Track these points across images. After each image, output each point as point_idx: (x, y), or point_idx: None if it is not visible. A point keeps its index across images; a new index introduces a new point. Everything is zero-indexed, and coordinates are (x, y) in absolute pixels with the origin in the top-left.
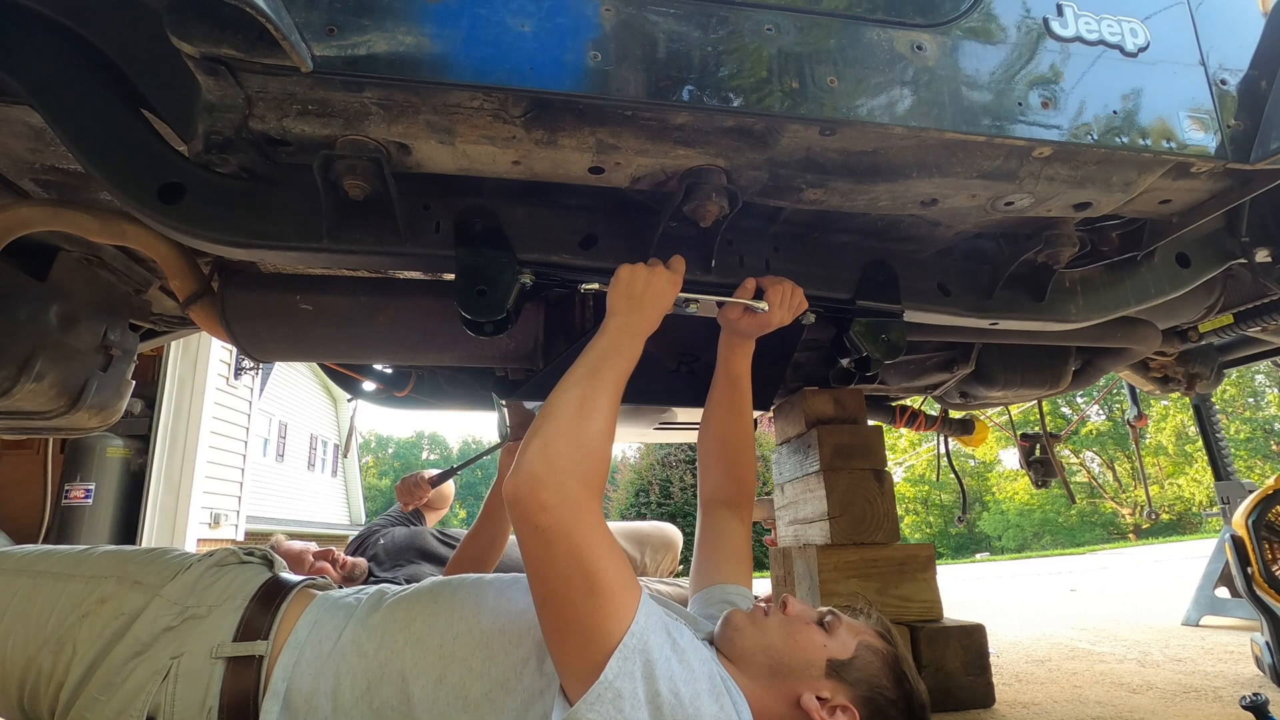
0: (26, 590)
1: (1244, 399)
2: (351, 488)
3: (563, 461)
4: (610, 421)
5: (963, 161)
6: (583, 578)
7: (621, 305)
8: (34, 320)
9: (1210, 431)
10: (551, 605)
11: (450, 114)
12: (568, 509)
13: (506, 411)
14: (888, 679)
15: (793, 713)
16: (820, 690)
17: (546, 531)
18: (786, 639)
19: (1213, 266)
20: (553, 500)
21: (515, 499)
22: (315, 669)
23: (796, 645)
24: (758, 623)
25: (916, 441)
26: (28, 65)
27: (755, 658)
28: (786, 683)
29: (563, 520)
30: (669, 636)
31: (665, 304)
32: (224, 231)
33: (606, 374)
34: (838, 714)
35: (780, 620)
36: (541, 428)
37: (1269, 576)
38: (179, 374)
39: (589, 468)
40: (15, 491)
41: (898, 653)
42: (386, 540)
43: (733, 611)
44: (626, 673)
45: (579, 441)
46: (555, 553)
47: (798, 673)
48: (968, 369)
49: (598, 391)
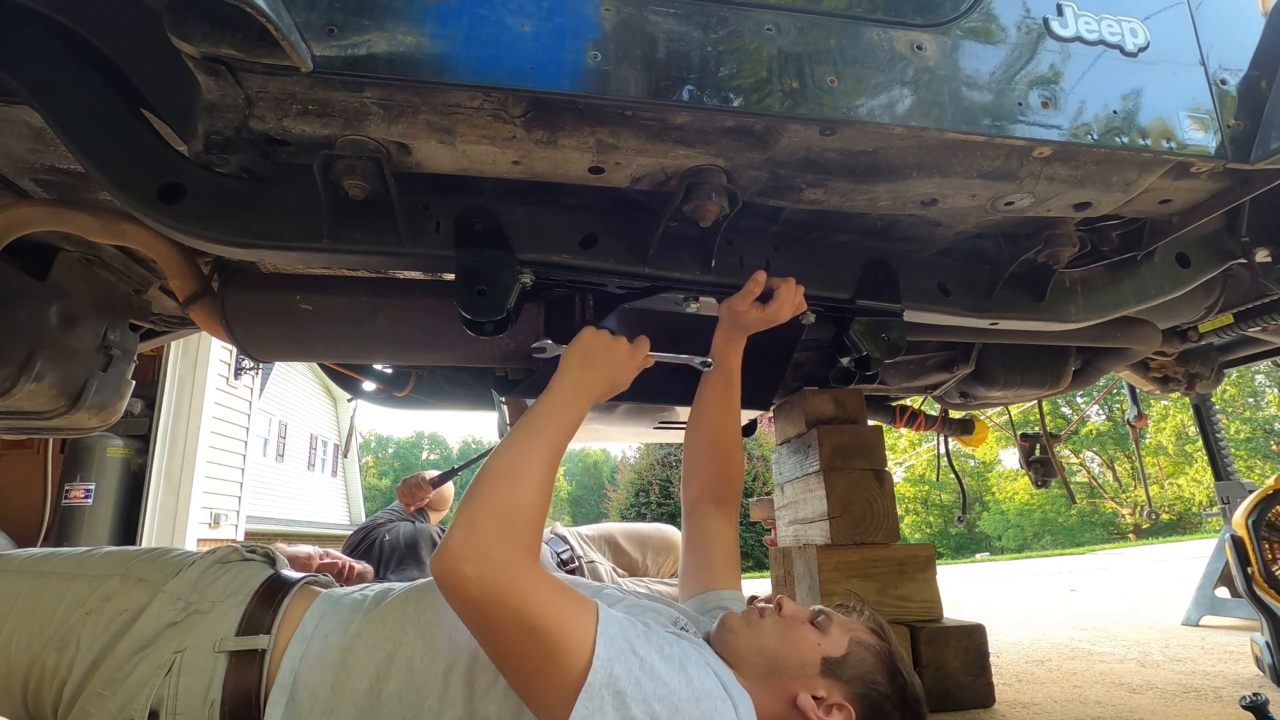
0: (30, 590)
1: (1244, 399)
2: (351, 488)
3: (487, 533)
4: (543, 479)
5: (963, 161)
6: (529, 634)
7: (575, 364)
8: (34, 320)
9: (1210, 431)
10: (508, 666)
11: (450, 114)
12: (494, 573)
13: (507, 410)
14: (882, 674)
15: (789, 712)
16: (816, 689)
17: (478, 603)
18: (781, 639)
19: (1213, 266)
20: (475, 572)
21: (440, 577)
22: (323, 661)
23: (791, 645)
24: (752, 625)
25: (916, 441)
26: (28, 65)
27: (751, 659)
28: (782, 682)
29: (490, 588)
30: (636, 657)
31: (618, 375)
32: (224, 231)
33: (545, 433)
34: (834, 712)
35: (774, 621)
36: (468, 501)
37: (1269, 576)
38: (179, 374)
39: (517, 529)
40: (15, 491)
41: (891, 648)
42: (391, 537)
43: (728, 614)
44: (596, 710)
45: (506, 509)
46: (493, 619)
47: (793, 672)
48: (968, 369)
49: (532, 453)
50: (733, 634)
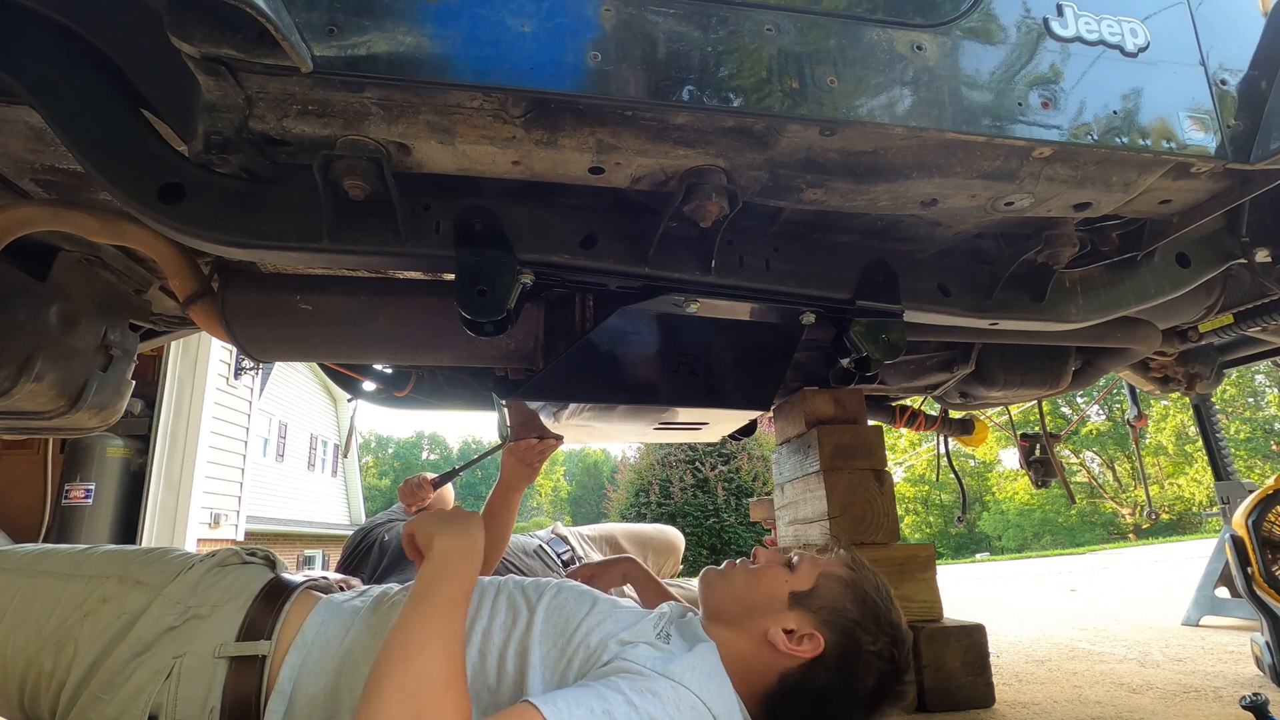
0: (27, 590)
1: (1244, 399)
2: (351, 488)
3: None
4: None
5: (963, 162)
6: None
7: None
8: (34, 320)
9: (1210, 431)
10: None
11: (450, 114)
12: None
13: (506, 411)
14: (849, 601)
15: (764, 649)
16: (785, 622)
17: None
18: (750, 582)
19: (1213, 266)
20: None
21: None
22: (322, 669)
23: (760, 585)
24: (726, 574)
25: (916, 441)
26: (28, 65)
27: (726, 606)
28: (755, 621)
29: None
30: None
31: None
32: (224, 231)
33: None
34: (804, 641)
35: (745, 569)
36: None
37: (1269, 576)
38: (179, 374)
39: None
40: (15, 491)
41: (861, 575)
42: (391, 536)
43: (707, 570)
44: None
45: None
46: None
47: (762, 609)
48: (968, 369)
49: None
50: (710, 587)
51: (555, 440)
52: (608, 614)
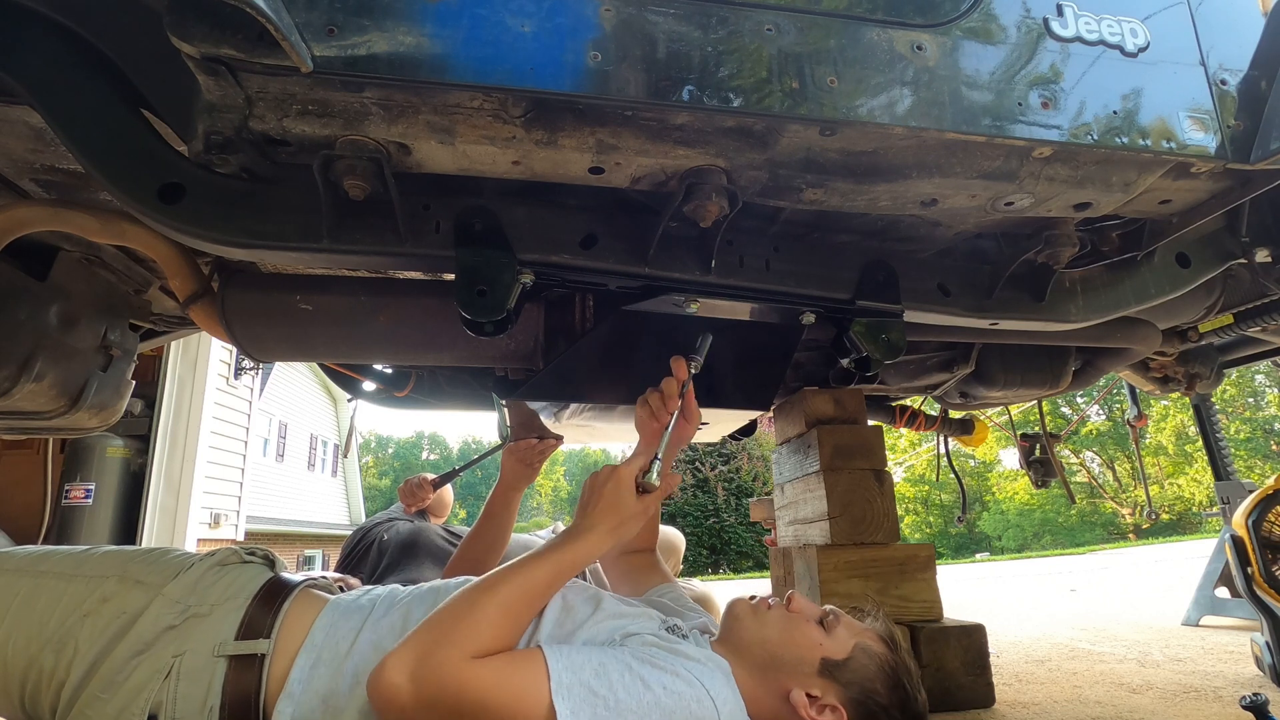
0: (28, 590)
1: (1244, 399)
2: (351, 488)
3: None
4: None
5: (963, 162)
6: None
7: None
8: (34, 320)
9: (1210, 431)
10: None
11: (450, 114)
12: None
13: (507, 412)
14: (882, 684)
15: (782, 707)
16: (811, 687)
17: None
18: (783, 633)
19: (1213, 266)
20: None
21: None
22: (333, 670)
23: (792, 641)
24: (759, 615)
25: (916, 441)
26: (28, 65)
27: (752, 649)
28: (779, 677)
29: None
30: (593, 695)
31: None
32: (224, 231)
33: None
34: (826, 713)
35: (781, 615)
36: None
37: (1269, 576)
38: (179, 374)
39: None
40: (15, 491)
41: (897, 658)
42: (390, 535)
43: (735, 601)
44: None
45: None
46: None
47: (790, 668)
48: (968, 369)
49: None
50: (737, 621)
51: (555, 440)
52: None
